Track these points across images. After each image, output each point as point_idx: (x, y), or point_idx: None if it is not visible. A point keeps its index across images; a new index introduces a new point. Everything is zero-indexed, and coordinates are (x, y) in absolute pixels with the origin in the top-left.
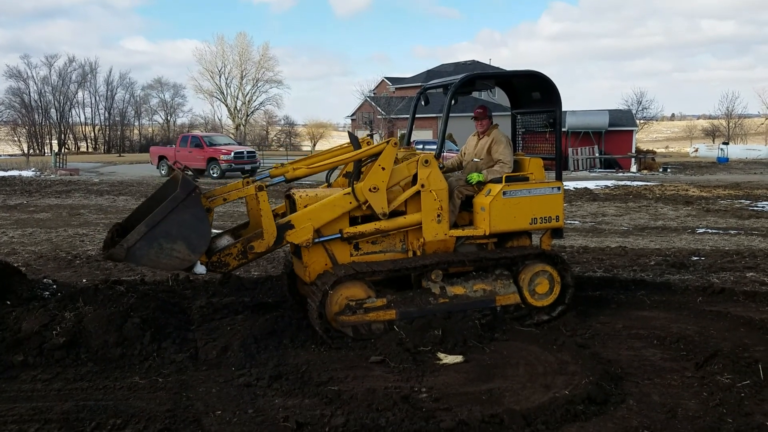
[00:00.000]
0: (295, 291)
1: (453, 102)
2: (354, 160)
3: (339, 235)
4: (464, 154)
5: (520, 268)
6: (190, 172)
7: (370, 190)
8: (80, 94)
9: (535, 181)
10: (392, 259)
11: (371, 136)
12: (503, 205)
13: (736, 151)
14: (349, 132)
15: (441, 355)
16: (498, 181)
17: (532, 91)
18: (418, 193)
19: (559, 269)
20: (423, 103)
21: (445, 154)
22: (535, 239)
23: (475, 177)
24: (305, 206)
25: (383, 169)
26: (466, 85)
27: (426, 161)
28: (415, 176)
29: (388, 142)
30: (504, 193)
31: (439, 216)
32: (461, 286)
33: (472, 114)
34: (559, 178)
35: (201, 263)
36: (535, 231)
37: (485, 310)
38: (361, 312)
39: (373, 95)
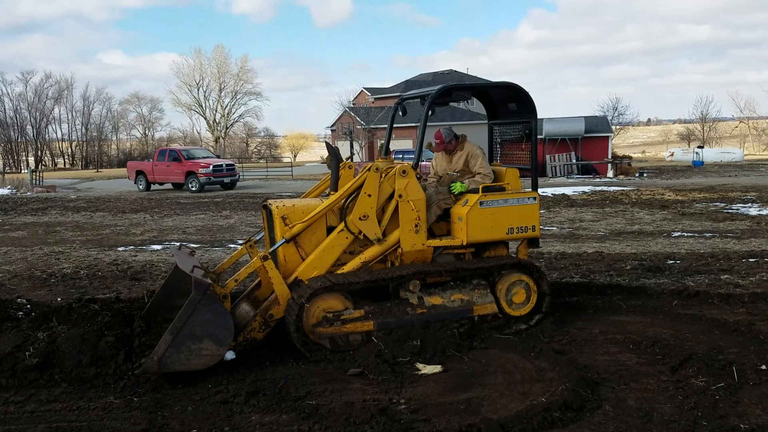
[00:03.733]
0: None
1: (430, 113)
2: (338, 186)
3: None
4: (435, 171)
5: (496, 278)
6: (185, 249)
7: (360, 219)
8: (56, 110)
9: (511, 192)
10: (370, 269)
11: (349, 158)
12: (480, 216)
13: (711, 154)
14: (327, 143)
15: (420, 366)
16: (475, 191)
17: (509, 102)
18: (396, 210)
19: (535, 278)
20: (400, 113)
21: (423, 163)
22: (513, 249)
23: (458, 187)
24: (282, 216)
25: (369, 196)
26: (443, 96)
27: (403, 171)
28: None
29: (369, 170)
30: (481, 203)
31: (416, 226)
32: (439, 296)
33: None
34: (535, 188)
35: (229, 349)
36: (511, 241)
37: (463, 320)
38: (338, 324)
39: (352, 105)
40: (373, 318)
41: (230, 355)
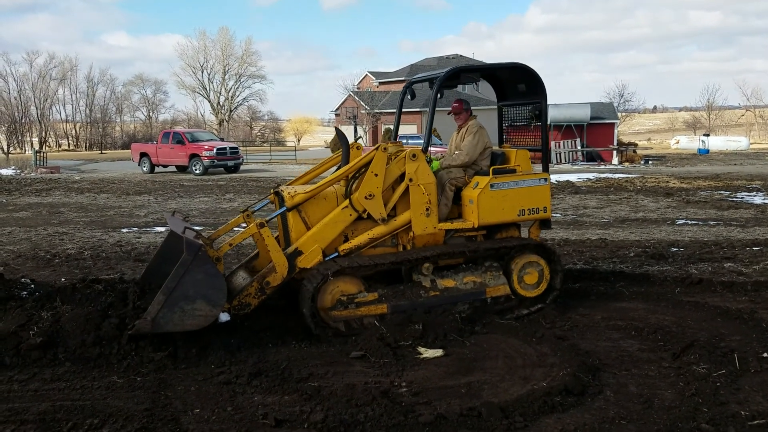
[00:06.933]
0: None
1: (439, 95)
2: (346, 162)
3: (336, 254)
4: (450, 147)
5: (509, 259)
6: (178, 215)
7: (366, 197)
8: (60, 90)
9: (522, 173)
10: (382, 253)
11: (358, 139)
12: (491, 198)
13: (716, 142)
14: (336, 128)
15: (421, 350)
16: (485, 173)
17: (518, 84)
18: (407, 190)
19: (547, 259)
20: (409, 97)
21: (431, 148)
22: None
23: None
24: (292, 197)
25: (376, 175)
26: (452, 78)
27: (413, 155)
28: (404, 174)
29: (377, 148)
30: (492, 186)
31: (428, 210)
32: (451, 279)
33: (449, 109)
34: (546, 169)
35: (223, 312)
36: (523, 222)
37: (476, 302)
38: (352, 307)
39: (357, 90)
40: (387, 301)
41: (224, 317)
